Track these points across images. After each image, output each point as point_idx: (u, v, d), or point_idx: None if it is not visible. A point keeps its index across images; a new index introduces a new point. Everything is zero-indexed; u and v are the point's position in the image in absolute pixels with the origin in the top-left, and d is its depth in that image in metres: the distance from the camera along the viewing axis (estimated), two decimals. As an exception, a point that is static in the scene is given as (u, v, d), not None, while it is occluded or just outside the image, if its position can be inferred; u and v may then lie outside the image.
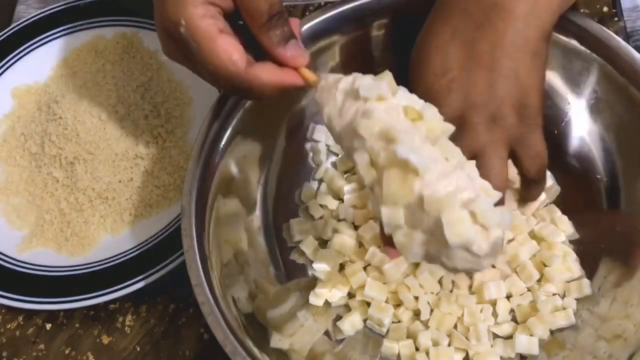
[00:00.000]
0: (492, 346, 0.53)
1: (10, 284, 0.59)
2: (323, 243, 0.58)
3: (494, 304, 0.54)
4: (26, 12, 0.76)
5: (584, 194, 0.58)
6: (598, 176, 0.57)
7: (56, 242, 0.62)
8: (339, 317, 0.56)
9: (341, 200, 0.59)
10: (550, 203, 0.58)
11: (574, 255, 0.55)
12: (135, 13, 0.71)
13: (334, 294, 0.56)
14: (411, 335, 0.54)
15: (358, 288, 0.55)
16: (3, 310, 0.61)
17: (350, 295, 0.56)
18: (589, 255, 0.55)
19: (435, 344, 0.53)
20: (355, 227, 0.58)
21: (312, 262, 0.57)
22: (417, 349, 0.53)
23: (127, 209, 0.63)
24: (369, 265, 0.56)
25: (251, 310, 0.52)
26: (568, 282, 0.54)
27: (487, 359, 0.52)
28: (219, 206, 0.53)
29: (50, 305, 0.58)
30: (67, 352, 0.58)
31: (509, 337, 0.53)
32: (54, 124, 0.64)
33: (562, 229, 0.56)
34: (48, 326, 0.60)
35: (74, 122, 0.63)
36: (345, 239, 0.57)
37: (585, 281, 0.54)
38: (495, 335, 0.54)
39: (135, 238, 0.61)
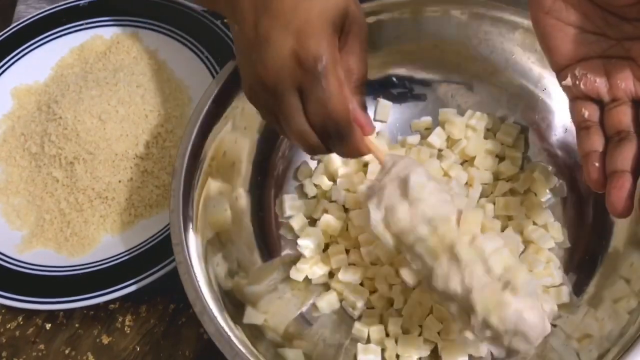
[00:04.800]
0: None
1: (10, 284, 0.59)
2: (313, 222, 0.59)
3: None
4: (26, 12, 0.77)
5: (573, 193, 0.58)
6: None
7: (56, 242, 0.62)
8: (317, 296, 0.56)
9: (335, 181, 0.60)
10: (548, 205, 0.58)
11: (558, 263, 0.55)
12: (135, 13, 0.71)
13: (314, 271, 0.57)
14: (383, 322, 0.55)
15: (337, 269, 0.56)
16: (3, 310, 0.61)
17: (331, 275, 0.57)
18: (574, 264, 0.56)
19: (406, 332, 0.53)
20: (346, 210, 0.59)
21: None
22: (387, 335, 0.54)
23: (127, 209, 0.63)
24: (353, 248, 0.57)
25: (231, 286, 0.53)
26: (548, 287, 0.54)
27: (456, 354, 0.52)
28: (209, 183, 0.54)
29: (50, 305, 0.58)
30: (67, 352, 0.59)
31: None
32: (53, 124, 0.64)
33: (553, 235, 0.56)
34: (48, 326, 0.60)
35: (74, 122, 0.63)
36: (332, 219, 0.58)
37: (565, 289, 0.54)
38: None
39: (135, 238, 0.61)
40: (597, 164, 0.44)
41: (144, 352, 0.58)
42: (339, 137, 0.46)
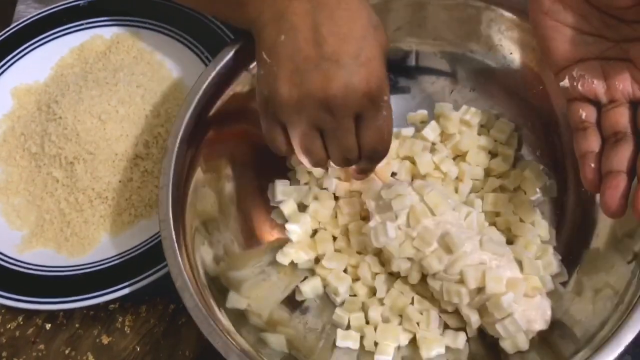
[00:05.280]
0: (441, 334, 0.53)
1: (10, 284, 0.59)
2: (303, 208, 0.60)
3: None
4: (26, 12, 0.77)
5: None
6: None
7: (56, 242, 0.62)
8: (302, 281, 0.57)
9: (327, 169, 0.60)
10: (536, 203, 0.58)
11: (552, 249, 0.55)
12: (135, 13, 0.71)
13: (300, 256, 0.57)
14: (365, 309, 0.55)
15: (323, 255, 0.57)
16: (3, 310, 0.61)
17: (317, 260, 0.58)
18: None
19: (385, 321, 0.54)
20: (336, 198, 0.60)
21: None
22: (367, 323, 0.55)
23: (127, 209, 0.63)
24: (340, 235, 0.58)
25: (217, 271, 0.53)
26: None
27: (433, 345, 0.52)
28: (201, 164, 0.55)
29: (50, 305, 0.58)
30: (67, 352, 0.59)
31: (460, 329, 0.54)
32: (53, 124, 0.64)
33: (540, 233, 0.56)
34: (48, 326, 0.60)
35: (74, 122, 0.63)
36: (321, 206, 0.58)
37: (547, 277, 0.54)
38: (447, 326, 0.54)
39: (135, 238, 0.61)
40: (592, 165, 0.44)
41: (144, 352, 0.58)
42: (378, 159, 0.51)
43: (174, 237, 0.49)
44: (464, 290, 0.50)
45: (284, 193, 0.60)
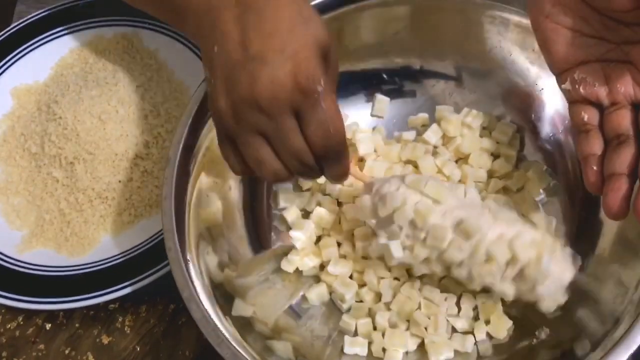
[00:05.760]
0: (449, 339, 0.53)
1: (10, 284, 0.59)
2: (307, 214, 0.59)
3: (459, 296, 0.55)
4: (26, 12, 0.77)
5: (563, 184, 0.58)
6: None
7: (56, 242, 0.62)
8: (308, 288, 0.57)
9: None
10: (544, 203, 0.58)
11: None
12: (135, 13, 0.71)
13: (305, 263, 0.57)
14: (372, 315, 0.55)
15: (328, 261, 0.57)
16: (3, 310, 0.61)
17: (322, 267, 0.58)
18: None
19: (393, 326, 0.54)
20: (339, 203, 0.59)
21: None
22: (375, 328, 0.54)
23: (127, 209, 0.63)
24: (345, 240, 0.58)
25: (222, 279, 0.53)
26: None
27: (442, 350, 0.52)
28: (203, 173, 0.55)
29: (50, 305, 0.58)
30: (67, 352, 0.59)
31: (468, 332, 0.54)
32: (53, 124, 0.64)
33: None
34: (48, 326, 0.60)
35: (73, 122, 0.63)
36: (324, 212, 0.58)
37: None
38: (454, 330, 0.54)
39: (135, 238, 0.61)
40: (595, 168, 0.44)
41: (144, 352, 0.58)
42: (336, 157, 0.47)
43: (179, 247, 0.49)
44: (494, 268, 0.49)
45: (286, 200, 0.59)
